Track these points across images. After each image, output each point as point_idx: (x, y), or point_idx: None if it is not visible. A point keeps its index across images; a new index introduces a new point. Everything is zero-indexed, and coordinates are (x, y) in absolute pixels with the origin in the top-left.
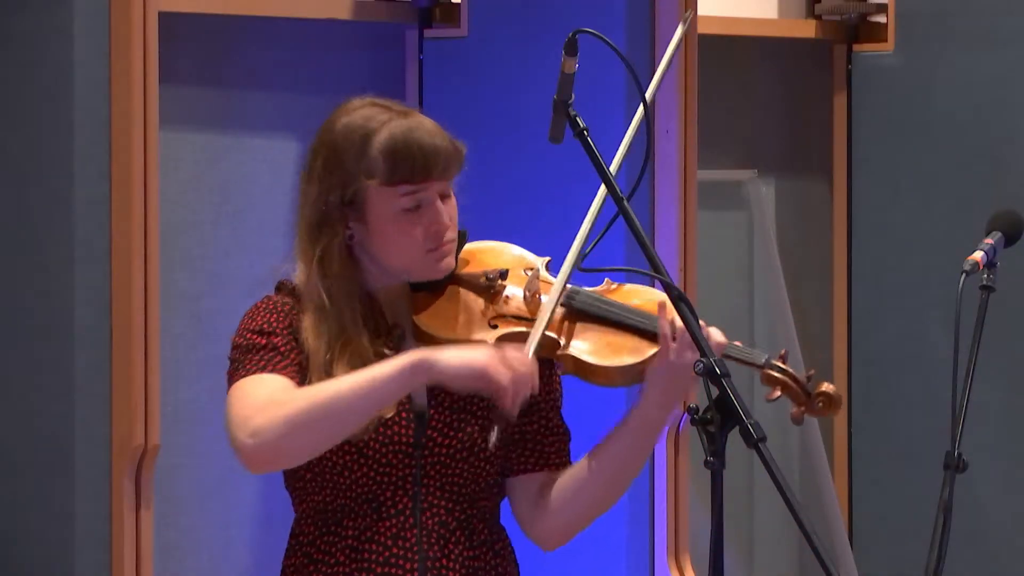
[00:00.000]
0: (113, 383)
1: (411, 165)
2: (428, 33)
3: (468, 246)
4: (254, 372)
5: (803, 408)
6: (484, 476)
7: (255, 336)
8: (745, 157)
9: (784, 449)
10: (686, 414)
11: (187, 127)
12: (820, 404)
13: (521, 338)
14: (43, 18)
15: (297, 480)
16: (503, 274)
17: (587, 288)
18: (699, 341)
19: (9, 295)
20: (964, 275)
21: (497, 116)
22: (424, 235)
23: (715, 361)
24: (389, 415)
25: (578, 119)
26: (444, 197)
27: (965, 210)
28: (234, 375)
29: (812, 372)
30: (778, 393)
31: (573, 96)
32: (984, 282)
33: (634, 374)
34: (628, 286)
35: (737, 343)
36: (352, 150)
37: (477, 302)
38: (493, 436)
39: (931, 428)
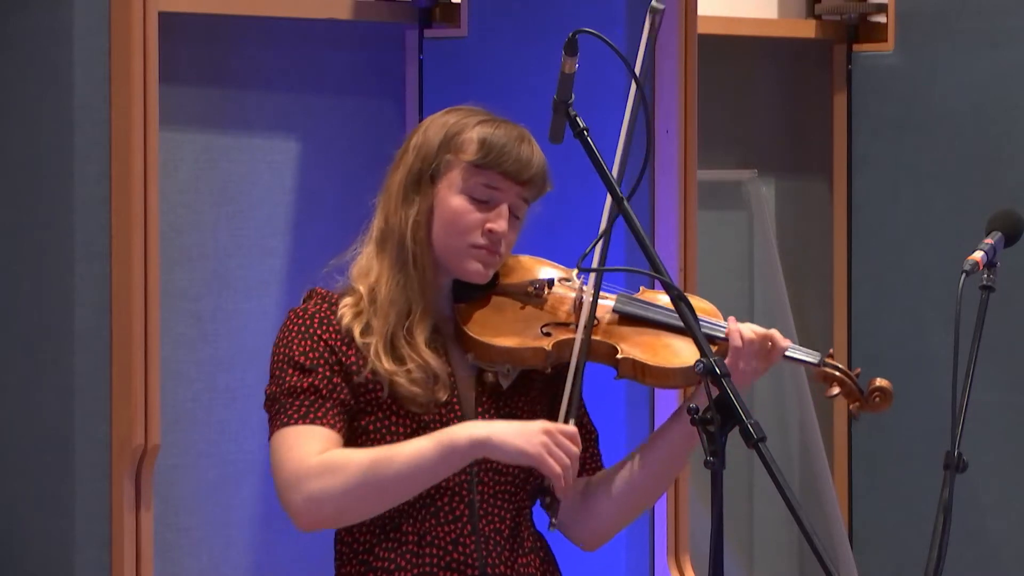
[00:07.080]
0: (113, 383)
1: (505, 159)
2: (428, 33)
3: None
4: (297, 421)
5: (859, 404)
6: (529, 483)
7: (294, 373)
8: (745, 157)
9: (784, 449)
10: (686, 414)
11: (187, 127)
12: (877, 399)
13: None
14: (43, 18)
15: None
16: (550, 283)
17: (628, 293)
18: (698, 340)
19: (9, 295)
20: (964, 275)
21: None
22: (480, 226)
23: (715, 361)
24: (444, 399)
25: (578, 119)
26: (513, 215)
27: (965, 210)
28: (275, 419)
29: (859, 370)
30: (836, 390)
31: (573, 96)
32: (984, 282)
33: (692, 375)
34: (653, 291)
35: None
36: (453, 128)
37: (524, 311)
38: (554, 514)
39: (931, 428)
